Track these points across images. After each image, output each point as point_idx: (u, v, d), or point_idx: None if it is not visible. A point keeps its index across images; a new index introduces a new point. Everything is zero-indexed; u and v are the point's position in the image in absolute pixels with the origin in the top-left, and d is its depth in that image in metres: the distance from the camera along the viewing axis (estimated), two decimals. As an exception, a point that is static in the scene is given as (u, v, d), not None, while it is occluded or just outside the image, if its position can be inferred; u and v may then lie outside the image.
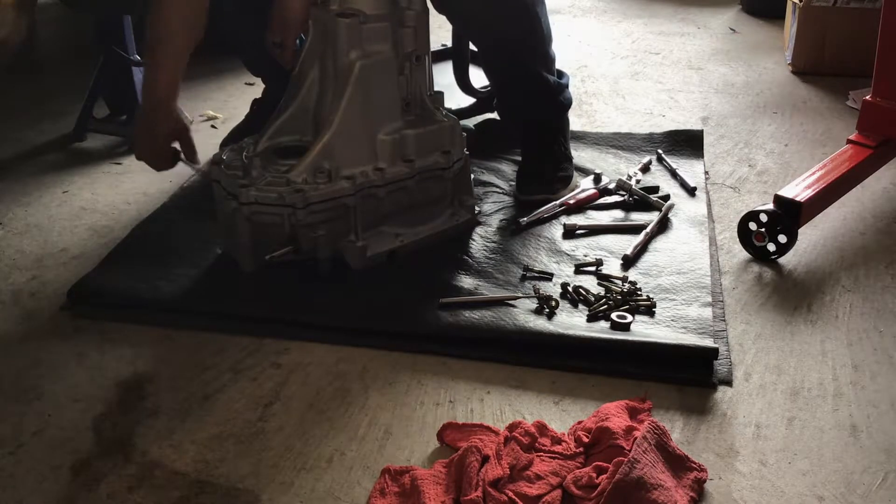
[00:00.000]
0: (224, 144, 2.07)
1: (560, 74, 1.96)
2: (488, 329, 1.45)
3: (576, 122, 2.28)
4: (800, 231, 1.68)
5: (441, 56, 2.38)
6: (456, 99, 2.29)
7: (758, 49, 3.03)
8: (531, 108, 1.91)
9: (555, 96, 1.91)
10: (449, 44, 2.34)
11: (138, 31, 2.24)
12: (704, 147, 2.16)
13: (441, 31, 2.43)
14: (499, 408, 1.31)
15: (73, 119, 2.30)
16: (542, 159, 1.92)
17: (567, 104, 1.95)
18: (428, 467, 1.18)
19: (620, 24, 3.40)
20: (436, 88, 1.75)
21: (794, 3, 2.74)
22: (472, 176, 1.79)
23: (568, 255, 1.68)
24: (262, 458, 1.22)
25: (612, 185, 1.91)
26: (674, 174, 2.01)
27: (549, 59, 1.89)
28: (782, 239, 1.68)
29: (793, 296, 1.59)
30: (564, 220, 1.80)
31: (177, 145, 1.70)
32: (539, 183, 1.89)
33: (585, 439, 1.20)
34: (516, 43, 1.82)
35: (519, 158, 1.97)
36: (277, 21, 1.76)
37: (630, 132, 2.27)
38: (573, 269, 1.63)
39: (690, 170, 2.03)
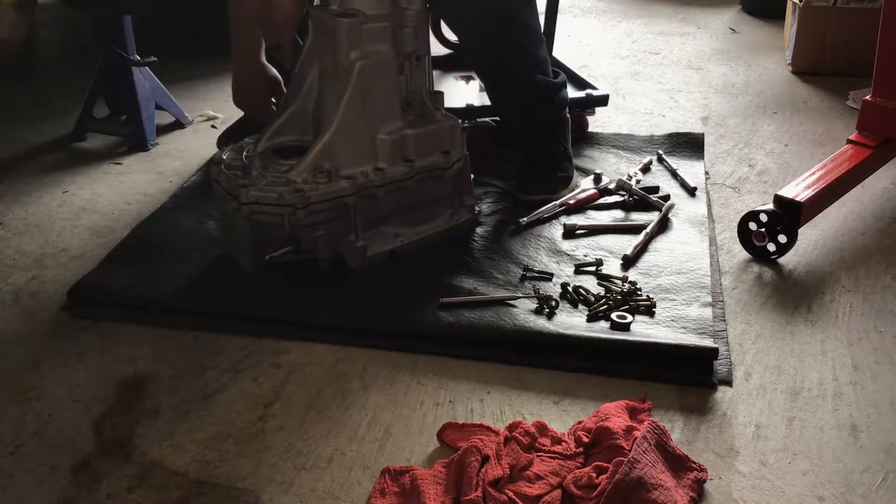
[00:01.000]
0: (221, 140, 2.07)
1: (556, 74, 1.96)
2: (488, 329, 1.45)
3: (576, 122, 2.28)
4: (800, 231, 1.68)
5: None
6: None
7: (758, 49, 3.03)
8: (526, 110, 1.90)
9: (549, 97, 1.90)
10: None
11: (138, 31, 2.25)
12: (704, 147, 2.16)
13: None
14: (499, 408, 1.31)
15: (73, 119, 2.30)
16: (541, 159, 1.91)
17: (563, 104, 1.94)
18: (428, 467, 1.18)
19: (620, 24, 3.40)
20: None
21: (794, 3, 2.74)
22: (472, 176, 1.79)
23: (568, 255, 1.68)
24: (262, 458, 1.22)
25: (612, 185, 1.91)
26: (674, 174, 2.01)
27: (540, 62, 1.88)
28: (782, 239, 1.68)
29: (793, 296, 1.59)
30: (564, 220, 1.80)
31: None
32: (539, 183, 1.89)
33: (585, 439, 1.20)
34: (503, 47, 1.81)
35: (519, 158, 1.97)
36: (265, 25, 1.76)
37: (631, 133, 2.27)
38: (573, 269, 1.63)
39: (690, 170, 2.03)
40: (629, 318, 1.45)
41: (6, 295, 1.62)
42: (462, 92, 2.24)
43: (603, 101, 2.23)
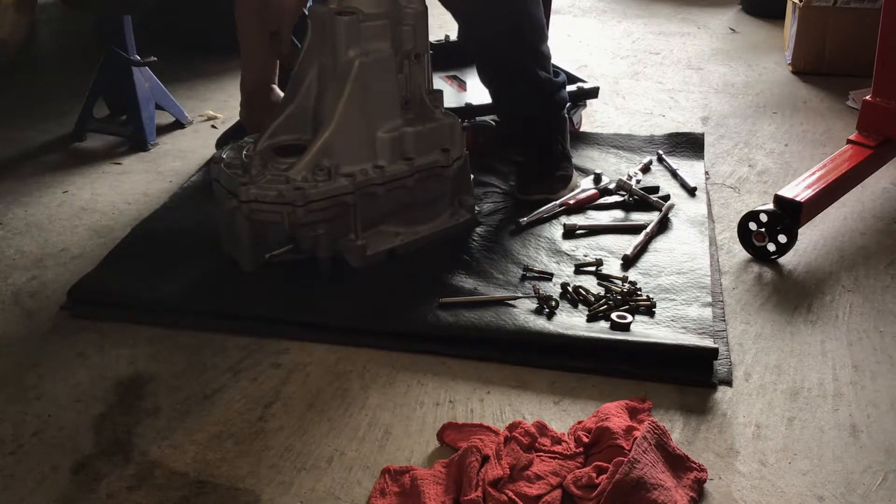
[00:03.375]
0: (220, 143, 2.06)
1: (556, 74, 1.95)
2: (488, 329, 1.45)
3: (576, 121, 2.28)
4: (800, 231, 1.68)
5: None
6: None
7: (758, 49, 3.03)
8: (525, 105, 1.90)
9: (549, 95, 1.90)
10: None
11: (138, 31, 2.25)
12: (704, 147, 2.16)
13: (441, 31, 2.43)
14: (499, 408, 1.31)
15: (73, 119, 2.30)
16: (541, 159, 1.91)
17: (562, 103, 1.94)
18: (428, 467, 1.18)
19: (620, 24, 3.40)
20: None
21: (794, 3, 2.74)
22: (472, 176, 1.79)
23: (568, 255, 1.68)
24: (262, 458, 1.22)
25: (612, 185, 1.91)
26: (674, 174, 2.01)
27: (541, 56, 1.87)
28: (782, 239, 1.68)
29: (793, 296, 1.59)
30: (564, 220, 1.80)
31: None
32: (539, 183, 1.89)
33: (585, 439, 1.20)
34: (507, 38, 1.81)
35: (519, 158, 1.97)
36: (269, 11, 1.76)
37: (630, 133, 2.27)
38: (573, 269, 1.63)
39: (690, 170, 2.03)
40: (629, 318, 1.45)
41: (6, 295, 1.62)
42: (448, 92, 2.23)
43: (593, 93, 2.24)
